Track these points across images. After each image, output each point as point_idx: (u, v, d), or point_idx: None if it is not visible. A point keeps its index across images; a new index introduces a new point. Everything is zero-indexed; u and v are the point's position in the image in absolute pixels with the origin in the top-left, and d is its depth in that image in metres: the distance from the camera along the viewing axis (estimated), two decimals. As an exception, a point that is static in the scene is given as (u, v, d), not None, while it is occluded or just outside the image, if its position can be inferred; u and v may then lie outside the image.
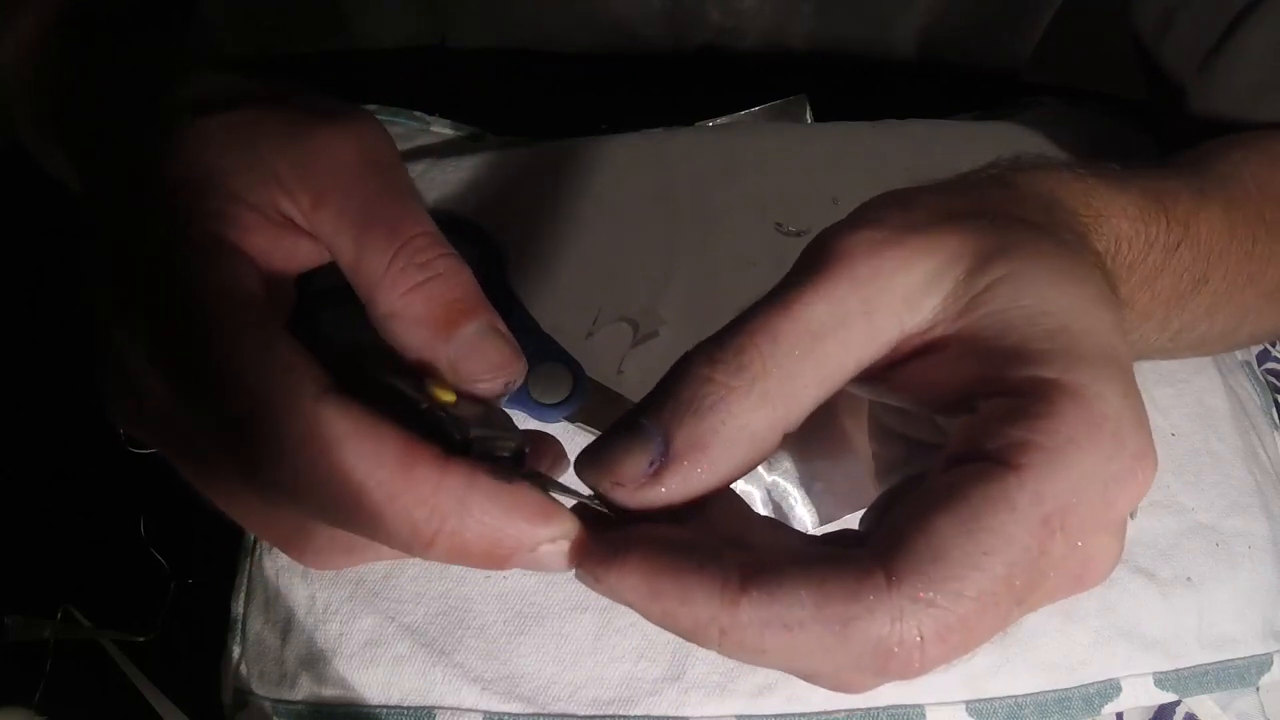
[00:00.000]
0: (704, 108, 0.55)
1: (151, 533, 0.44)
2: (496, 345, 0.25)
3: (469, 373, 0.24)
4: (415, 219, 0.25)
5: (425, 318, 0.24)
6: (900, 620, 0.19)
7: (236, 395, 0.22)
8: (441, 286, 0.24)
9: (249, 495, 0.25)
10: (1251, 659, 0.38)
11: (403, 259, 0.24)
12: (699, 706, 0.35)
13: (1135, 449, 0.20)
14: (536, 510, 0.22)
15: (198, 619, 0.39)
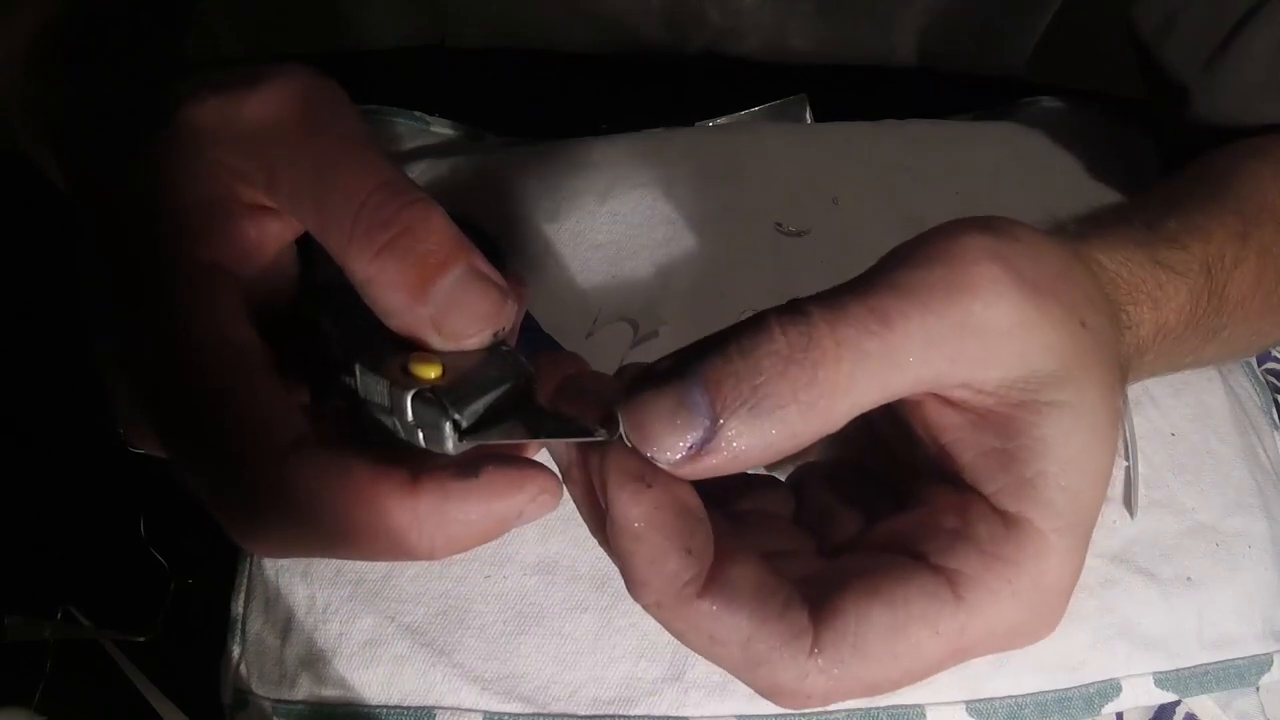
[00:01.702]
0: (704, 108, 0.55)
1: (151, 533, 0.44)
2: (478, 292, 0.23)
3: (453, 328, 0.23)
4: (370, 170, 0.23)
5: (397, 279, 0.22)
6: (803, 679, 0.21)
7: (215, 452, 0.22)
8: (409, 240, 0.22)
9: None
10: (1251, 659, 0.37)
11: (365, 219, 0.22)
12: (698, 706, 0.35)
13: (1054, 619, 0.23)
14: (508, 488, 0.22)
15: (198, 619, 0.39)
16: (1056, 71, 0.55)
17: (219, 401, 0.22)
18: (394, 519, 0.21)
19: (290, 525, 0.22)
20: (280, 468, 0.21)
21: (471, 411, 0.22)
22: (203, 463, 0.22)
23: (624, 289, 0.43)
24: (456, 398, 0.22)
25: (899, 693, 0.35)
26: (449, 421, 0.22)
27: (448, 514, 0.22)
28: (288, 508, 0.21)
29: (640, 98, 0.57)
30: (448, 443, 0.22)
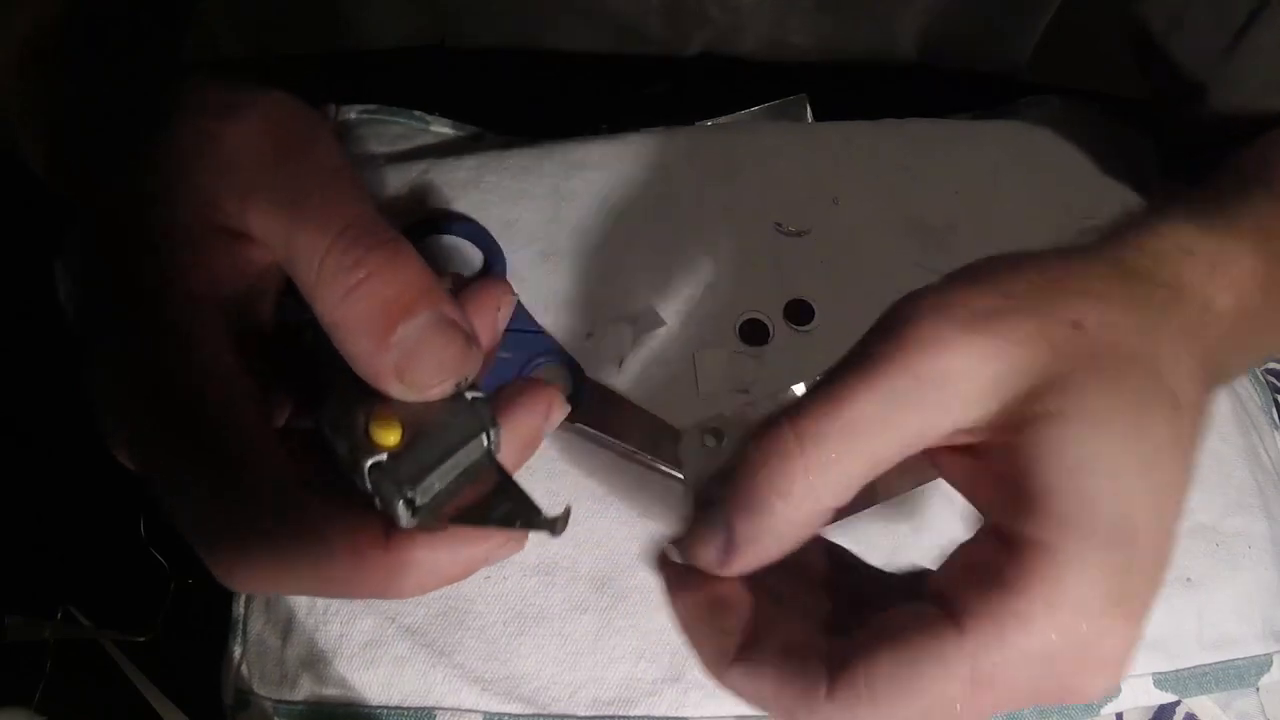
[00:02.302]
0: (704, 108, 0.55)
1: (151, 533, 0.44)
2: (442, 340, 0.22)
3: (415, 380, 0.22)
4: (340, 206, 0.22)
5: (363, 324, 0.22)
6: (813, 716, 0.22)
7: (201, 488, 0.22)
8: (376, 285, 0.22)
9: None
10: (1251, 659, 0.38)
11: (332, 261, 0.22)
12: (698, 707, 0.35)
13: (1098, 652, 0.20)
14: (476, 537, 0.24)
15: (198, 619, 0.39)
16: (1056, 71, 0.55)
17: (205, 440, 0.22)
18: (369, 567, 0.23)
19: (269, 566, 0.22)
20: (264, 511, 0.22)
21: (425, 488, 0.23)
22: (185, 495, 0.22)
23: (624, 289, 0.43)
24: (412, 473, 0.23)
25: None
26: (402, 500, 0.22)
27: (420, 562, 0.23)
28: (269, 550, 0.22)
29: (640, 98, 0.57)
30: (401, 520, 0.23)
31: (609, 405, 0.40)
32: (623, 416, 0.40)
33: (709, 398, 0.40)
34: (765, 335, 0.42)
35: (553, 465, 0.39)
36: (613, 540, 0.38)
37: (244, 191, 0.23)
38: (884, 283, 0.43)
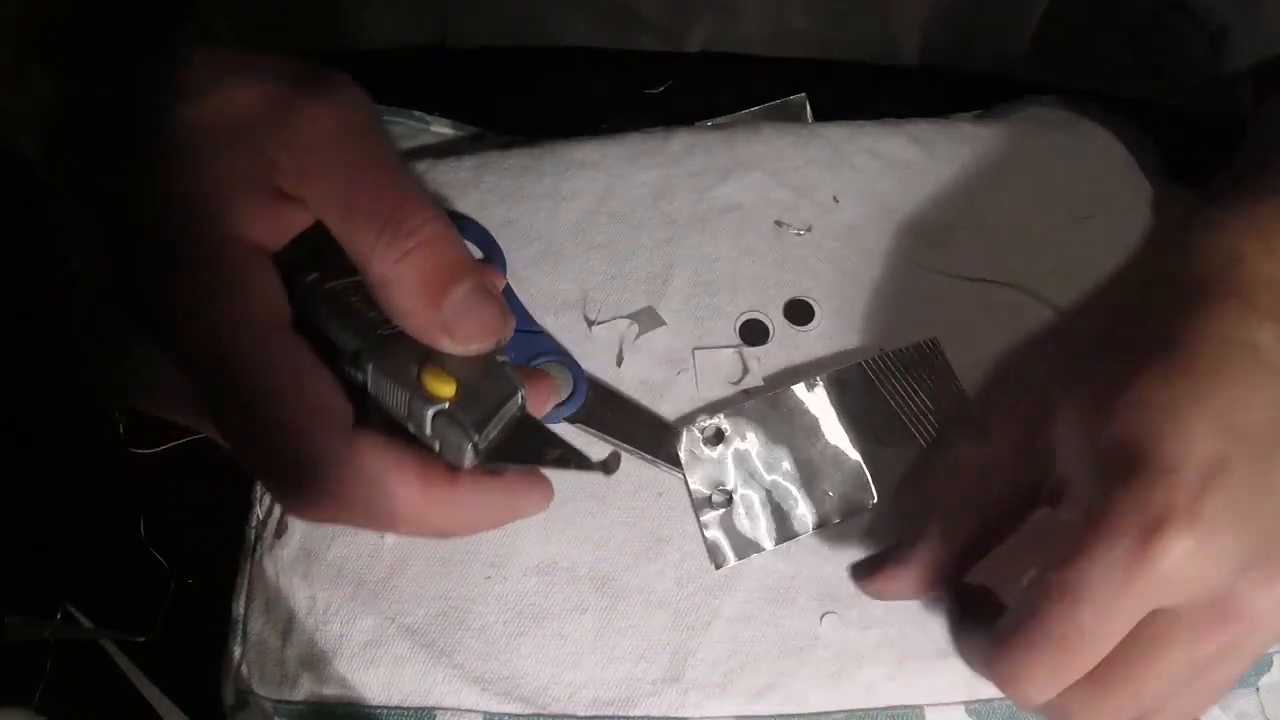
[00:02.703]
0: (704, 108, 0.55)
1: (151, 533, 0.44)
2: (486, 306, 0.26)
3: (463, 334, 0.26)
4: (399, 184, 0.25)
5: (417, 285, 0.25)
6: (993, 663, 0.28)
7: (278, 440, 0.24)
8: (429, 253, 0.25)
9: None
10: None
11: (391, 228, 0.25)
12: (698, 707, 0.35)
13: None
14: (525, 487, 0.28)
15: (198, 619, 0.39)
16: (1056, 71, 0.55)
17: (284, 382, 0.24)
18: (436, 501, 0.25)
19: (343, 497, 0.25)
20: (344, 450, 0.24)
21: (486, 434, 0.26)
22: (264, 442, 0.24)
23: (624, 289, 0.43)
24: (474, 421, 0.26)
25: (899, 693, 0.35)
26: (470, 444, 0.26)
27: (478, 500, 0.26)
28: (347, 487, 0.24)
29: (640, 97, 0.57)
30: (465, 460, 0.26)
31: (609, 404, 0.40)
32: (622, 415, 0.40)
33: (708, 397, 0.40)
34: (765, 335, 0.42)
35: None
36: (613, 540, 0.38)
37: (306, 158, 0.25)
38: (884, 283, 0.43)
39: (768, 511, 0.38)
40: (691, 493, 0.38)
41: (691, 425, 0.39)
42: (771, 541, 0.38)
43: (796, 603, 0.37)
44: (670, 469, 0.39)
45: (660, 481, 0.39)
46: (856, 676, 0.36)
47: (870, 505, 0.38)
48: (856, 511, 0.38)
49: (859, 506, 0.38)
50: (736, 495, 0.38)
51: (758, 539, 0.38)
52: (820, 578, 0.37)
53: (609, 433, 0.39)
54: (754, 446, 0.39)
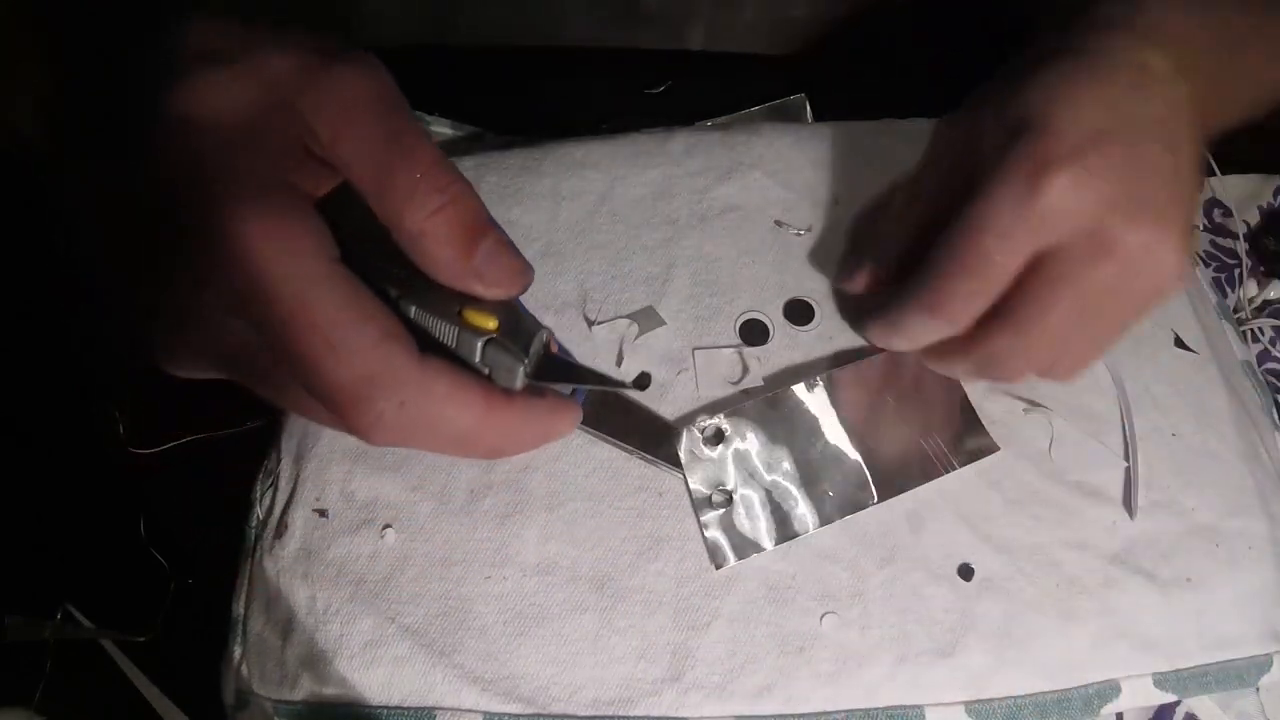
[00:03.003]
0: (704, 108, 0.55)
1: (151, 533, 0.45)
2: (511, 255, 0.29)
3: (493, 279, 0.28)
4: (428, 148, 0.28)
5: (451, 235, 0.28)
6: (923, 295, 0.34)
7: (359, 364, 0.26)
8: (461, 208, 0.28)
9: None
10: (1251, 659, 0.38)
11: (424, 185, 0.27)
12: (698, 707, 0.35)
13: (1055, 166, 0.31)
14: (562, 408, 0.31)
15: (198, 619, 0.39)
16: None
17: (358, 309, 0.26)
18: (497, 418, 0.28)
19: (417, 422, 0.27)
20: (419, 371, 0.26)
21: (531, 356, 0.29)
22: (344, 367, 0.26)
23: (624, 289, 0.43)
24: (522, 345, 0.29)
25: (899, 693, 0.35)
26: (521, 366, 0.29)
27: (526, 422, 0.29)
28: (421, 406, 0.26)
29: (640, 97, 0.57)
30: (517, 382, 0.29)
31: (609, 404, 0.40)
32: (622, 415, 0.40)
33: (708, 397, 0.41)
34: (765, 335, 0.42)
35: (552, 465, 0.39)
36: (613, 540, 0.38)
37: (339, 126, 0.27)
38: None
39: (768, 511, 0.38)
40: (691, 493, 0.38)
41: (691, 425, 0.39)
42: (772, 541, 0.38)
43: (796, 603, 0.37)
44: (670, 469, 0.39)
45: (660, 481, 0.39)
46: (856, 676, 0.36)
47: (870, 505, 0.38)
48: (857, 511, 0.38)
49: (859, 506, 0.38)
50: (736, 495, 0.38)
51: (758, 539, 0.38)
52: (820, 578, 0.37)
53: (609, 433, 0.39)
54: (754, 446, 0.39)
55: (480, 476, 0.39)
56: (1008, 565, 0.37)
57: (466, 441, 0.28)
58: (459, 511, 0.38)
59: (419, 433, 0.27)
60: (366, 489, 0.38)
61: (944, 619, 0.36)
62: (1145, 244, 0.30)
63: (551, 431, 0.30)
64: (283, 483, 0.39)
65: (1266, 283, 0.52)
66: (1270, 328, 0.51)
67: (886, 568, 0.37)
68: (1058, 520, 0.39)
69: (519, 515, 0.38)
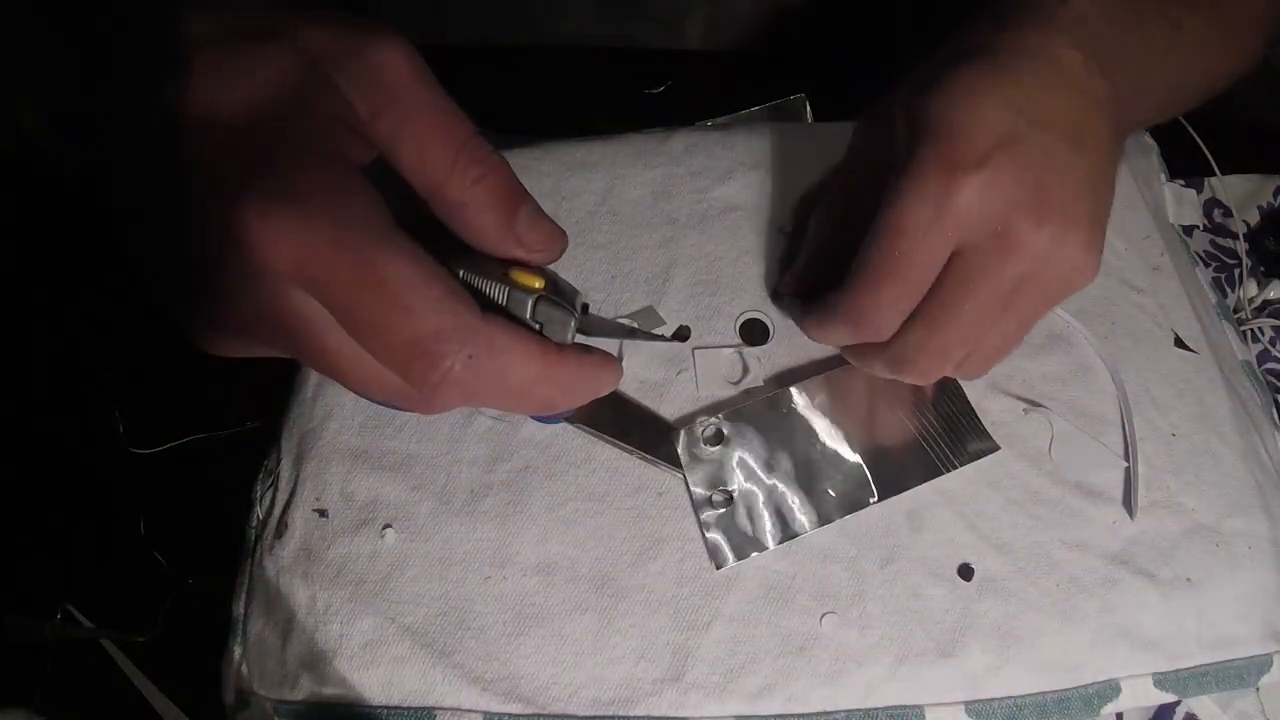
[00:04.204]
0: (704, 108, 0.55)
1: (151, 533, 0.45)
2: (548, 221, 0.30)
3: (534, 244, 0.29)
4: (463, 121, 0.29)
5: (492, 203, 0.29)
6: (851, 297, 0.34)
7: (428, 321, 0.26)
8: (499, 178, 0.29)
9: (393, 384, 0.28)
10: (1251, 659, 0.38)
11: (464, 157, 0.28)
12: (698, 707, 0.35)
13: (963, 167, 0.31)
14: (609, 362, 0.31)
15: (198, 619, 0.39)
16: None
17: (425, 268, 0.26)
18: (550, 375, 0.29)
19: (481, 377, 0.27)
20: (483, 325, 0.27)
21: (578, 314, 0.30)
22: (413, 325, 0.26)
23: (624, 289, 0.43)
24: (570, 301, 0.30)
25: (899, 693, 0.35)
26: (573, 320, 0.30)
27: (577, 375, 0.30)
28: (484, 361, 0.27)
29: (640, 97, 0.57)
30: (569, 335, 0.30)
31: (609, 404, 0.40)
32: (622, 415, 0.40)
33: (708, 397, 0.41)
34: (765, 335, 0.42)
35: (552, 465, 0.39)
36: (613, 540, 0.38)
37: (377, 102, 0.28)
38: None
39: (768, 512, 0.38)
40: (692, 493, 0.38)
41: (691, 426, 0.39)
42: (772, 542, 0.38)
43: (796, 603, 0.37)
44: (670, 469, 0.39)
45: (660, 481, 0.39)
46: (856, 676, 0.36)
47: (871, 504, 0.38)
48: (857, 510, 0.38)
49: (859, 506, 0.38)
50: (737, 496, 0.38)
51: (758, 539, 0.38)
52: (820, 578, 0.37)
53: (609, 433, 0.39)
54: (754, 447, 0.39)
55: (480, 476, 0.39)
56: (1008, 565, 0.37)
57: (525, 394, 0.29)
58: (459, 511, 0.38)
59: (483, 387, 0.28)
60: (366, 489, 0.38)
61: (944, 619, 0.36)
62: (1051, 240, 0.31)
63: (600, 385, 0.31)
64: (283, 483, 0.39)
65: (1266, 283, 0.52)
66: (1270, 328, 0.51)
67: (886, 568, 0.37)
68: (1058, 520, 0.39)
69: (519, 515, 0.38)
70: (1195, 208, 0.54)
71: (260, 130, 0.26)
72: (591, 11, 0.57)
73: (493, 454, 0.39)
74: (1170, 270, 0.46)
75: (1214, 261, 0.53)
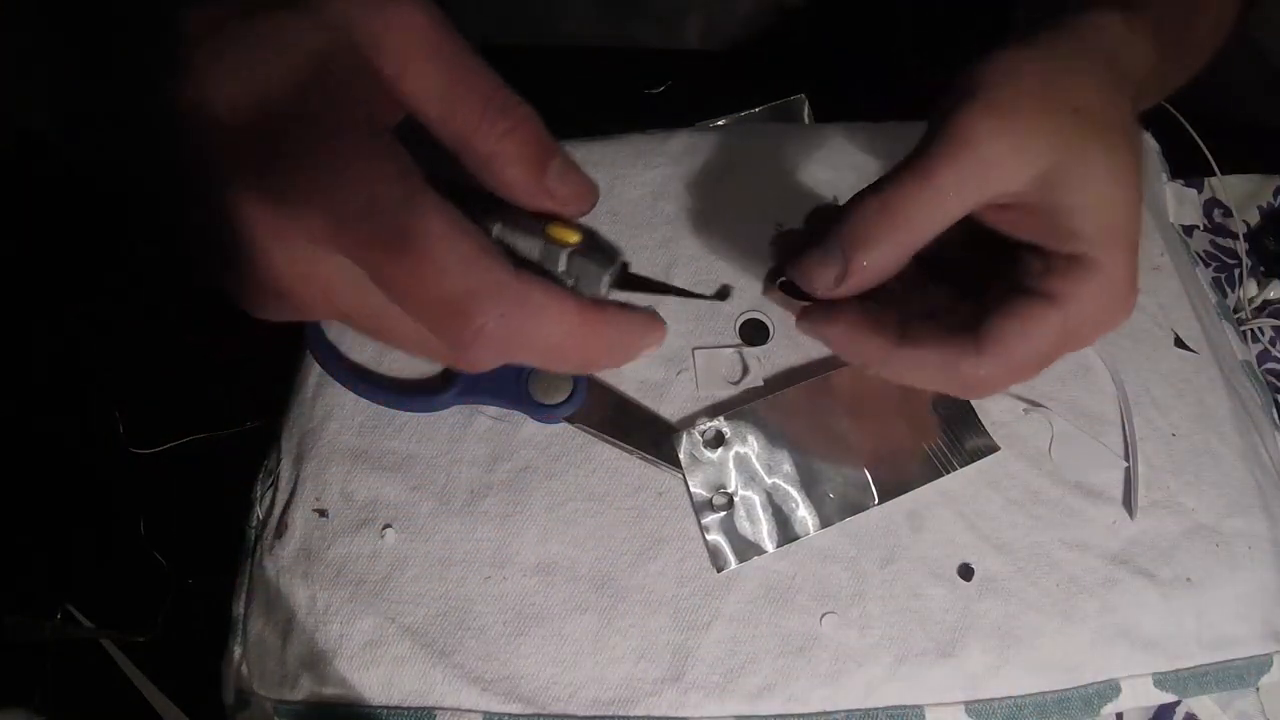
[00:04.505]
0: (704, 108, 0.55)
1: (151, 533, 0.45)
2: (579, 173, 0.30)
3: (565, 197, 0.29)
4: (489, 74, 0.29)
5: (522, 155, 0.28)
6: (977, 369, 0.32)
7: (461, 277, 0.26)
8: (529, 129, 0.29)
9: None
10: (1251, 659, 0.38)
11: (492, 110, 0.28)
12: (698, 707, 0.35)
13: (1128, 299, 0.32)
14: (648, 321, 0.31)
15: (198, 619, 0.39)
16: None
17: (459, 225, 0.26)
18: (586, 331, 0.28)
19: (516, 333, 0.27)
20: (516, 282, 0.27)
21: (614, 268, 0.30)
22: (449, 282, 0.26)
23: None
24: (607, 256, 0.30)
25: (899, 693, 0.35)
26: (607, 274, 0.29)
27: (616, 332, 0.29)
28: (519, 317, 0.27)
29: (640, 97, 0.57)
30: (602, 289, 0.30)
31: (609, 404, 0.40)
32: (623, 415, 0.40)
33: (708, 397, 0.41)
34: (765, 335, 0.42)
35: (552, 465, 0.39)
36: (613, 540, 0.38)
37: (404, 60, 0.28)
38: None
39: (769, 514, 0.38)
40: (692, 496, 0.38)
41: (691, 428, 0.39)
42: (773, 544, 0.38)
43: (796, 603, 0.37)
44: (670, 469, 0.39)
45: (660, 481, 0.39)
46: (856, 676, 0.36)
47: (871, 506, 0.38)
48: (858, 513, 0.38)
49: (860, 508, 0.38)
50: (737, 498, 0.38)
51: (759, 541, 0.38)
52: (820, 577, 0.37)
53: (609, 433, 0.39)
54: (754, 449, 0.39)
55: (480, 476, 0.39)
56: (1008, 565, 0.37)
57: (562, 351, 0.29)
58: (459, 511, 0.38)
59: (517, 344, 0.28)
60: (366, 489, 0.38)
61: (944, 619, 0.36)
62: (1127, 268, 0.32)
63: (641, 343, 0.31)
64: (283, 483, 0.39)
65: (1266, 283, 0.52)
66: (1270, 328, 0.51)
67: (886, 568, 0.37)
68: (1058, 520, 0.39)
69: (519, 515, 0.38)
70: (1195, 207, 0.54)
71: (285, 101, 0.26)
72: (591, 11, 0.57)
73: (493, 454, 0.39)
74: (1170, 270, 0.46)
75: (1214, 261, 0.54)
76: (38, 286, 0.52)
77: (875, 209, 0.31)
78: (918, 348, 0.32)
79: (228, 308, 0.29)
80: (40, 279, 0.52)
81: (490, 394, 0.40)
